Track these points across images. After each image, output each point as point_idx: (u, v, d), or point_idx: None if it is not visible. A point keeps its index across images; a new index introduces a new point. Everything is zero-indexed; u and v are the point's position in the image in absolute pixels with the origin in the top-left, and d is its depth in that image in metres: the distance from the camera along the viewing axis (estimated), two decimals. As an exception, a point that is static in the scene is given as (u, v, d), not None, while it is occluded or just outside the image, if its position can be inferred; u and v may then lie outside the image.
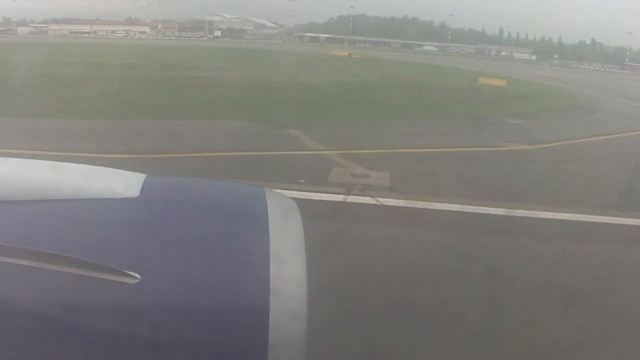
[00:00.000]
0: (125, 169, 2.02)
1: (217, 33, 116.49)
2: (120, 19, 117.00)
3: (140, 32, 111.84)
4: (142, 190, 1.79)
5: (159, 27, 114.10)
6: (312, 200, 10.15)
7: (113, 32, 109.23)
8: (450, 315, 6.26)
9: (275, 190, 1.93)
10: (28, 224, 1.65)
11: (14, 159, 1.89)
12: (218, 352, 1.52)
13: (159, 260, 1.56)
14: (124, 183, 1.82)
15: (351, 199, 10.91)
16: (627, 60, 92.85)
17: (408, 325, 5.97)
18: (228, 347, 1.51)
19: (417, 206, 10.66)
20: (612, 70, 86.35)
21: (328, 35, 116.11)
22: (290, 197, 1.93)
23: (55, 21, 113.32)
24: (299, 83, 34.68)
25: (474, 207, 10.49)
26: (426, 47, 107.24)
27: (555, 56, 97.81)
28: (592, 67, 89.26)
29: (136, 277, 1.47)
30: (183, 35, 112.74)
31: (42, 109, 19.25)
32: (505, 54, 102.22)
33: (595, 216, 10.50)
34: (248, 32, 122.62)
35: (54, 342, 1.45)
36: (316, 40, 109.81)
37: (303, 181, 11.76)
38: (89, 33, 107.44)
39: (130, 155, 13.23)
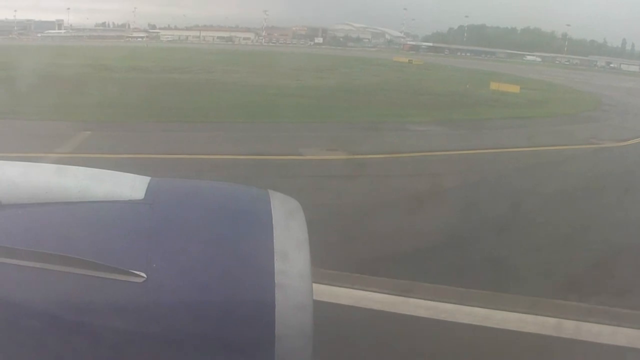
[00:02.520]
0: None
1: (318, 40, 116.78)
2: (257, 27, 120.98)
3: (245, 38, 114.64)
4: (146, 193, 1.71)
5: (263, 33, 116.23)
6: None
7: (219, 37, 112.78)
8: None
9: (278, 192, 1.76)
10: (35, 226, 1.59)
11: (20, 163, 1.80)
12: (226, 346, 1.49)
13: (165, 259, 1.51)
14: (129, 186, 1.73)
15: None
16: None
17: None
18: (236, 341, 1.49)
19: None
20: None
21: (430, 44, 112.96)
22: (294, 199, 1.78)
23: (198, 27, 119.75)
24: (263, 85, 32.04)
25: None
26: (528, 58, 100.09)
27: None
28: None
29: (142, 276, 1.44)
30: (286, 42, 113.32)
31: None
32: (614, 65, 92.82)
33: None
34: (365, 40, 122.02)
35: (62, 342, 1.44)
36: (415, 49, 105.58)
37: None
38: (197, 38, 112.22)
39: None
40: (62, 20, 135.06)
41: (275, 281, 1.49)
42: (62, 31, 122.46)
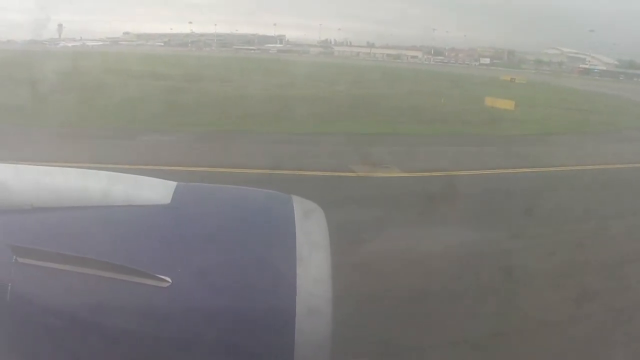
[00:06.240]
0: None
1: (484, 61, 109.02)
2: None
3: (412, 57, 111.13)
4: (173, 198, 1.71)
5: (432, 52, 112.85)
6: None
7: (388, 55, 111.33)
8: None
9: (300, 197, 1.82)
10: (66, 229, 1.61)
11: (52, 168, 1.85)
12: (247, 352, 1.48)
13: (190, 264, 1.51)
14: (157, 190, 1.75)
15: None
16: None
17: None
18: (257, 347, 1.47)
19: None
20: None
21: (603, 68, 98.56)
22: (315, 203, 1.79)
23: (415, 47, 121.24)
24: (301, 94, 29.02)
25: None
26: None
27: None
28: None
29: (167, 281, 1.44)
30: (457, 62, 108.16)
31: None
32: None
33: None
34: (557, 64, 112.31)
35: (88, 342, 1.44)
36: (587, 73, 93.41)
37: None
38: (367, 54, 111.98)
39: None
40: (284, 36, 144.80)
41: (297, 288, 1.44)
42: (280, 45, 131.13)
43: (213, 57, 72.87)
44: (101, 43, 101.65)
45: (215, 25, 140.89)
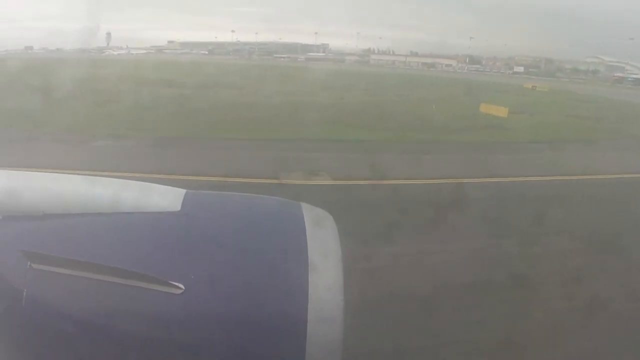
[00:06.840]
0: None
1: (519, 69, 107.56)
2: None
3: (447, 65, 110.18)
4: (183, 205, 1.71)
5: (466, 60, 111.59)
6: None
7: (423, 63, 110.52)
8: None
9: (310, 204, 1.82)
10: (78, 236, 1.59)
11: (62, 175, 1.83)
12: (259, 358, 1.50)
13: (203, 271, 1.50)
14: (166, 197, 1.74)
15: None
16: None
17: None
18: (268, 354, 1.49)
19: None
20: None
21: (638, 77, 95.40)
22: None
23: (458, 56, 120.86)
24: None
25: None
26: None
27: None
28: None
29: (180, 288, 1.44)
30: (492, 70, 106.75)
31: None
32: None
33: None
34: (598, 73, 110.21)
35: (103, 348, 1.45)
36: (621, 82, 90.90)
37: None
38: (402, 62, 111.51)
39: None
40: (327, 44, 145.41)
41: (309, 294, 1.45)
42: (322, 54, 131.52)
43: (245, 65, 74.38)
44: (145, 51, 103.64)
45: (256, 34, 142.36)
